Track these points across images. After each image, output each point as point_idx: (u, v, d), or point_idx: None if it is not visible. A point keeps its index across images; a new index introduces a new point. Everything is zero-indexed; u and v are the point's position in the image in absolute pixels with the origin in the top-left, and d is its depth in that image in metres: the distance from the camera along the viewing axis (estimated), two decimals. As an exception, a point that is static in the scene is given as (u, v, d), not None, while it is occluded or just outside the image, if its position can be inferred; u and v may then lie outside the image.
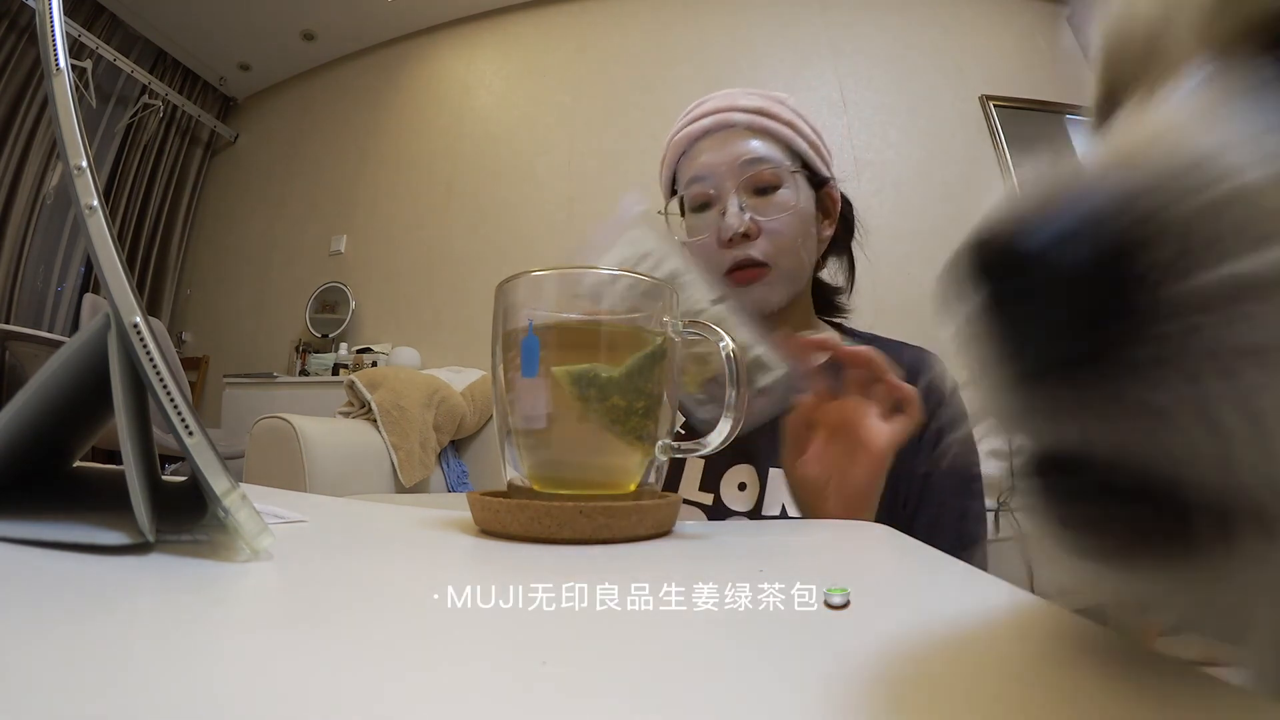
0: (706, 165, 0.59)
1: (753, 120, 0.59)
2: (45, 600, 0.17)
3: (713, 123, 0.60)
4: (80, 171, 0.22)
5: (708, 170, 0.59)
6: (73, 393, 0.25)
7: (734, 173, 0.58)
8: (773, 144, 0.59)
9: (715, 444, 0.37)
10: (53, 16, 0.22)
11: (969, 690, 0.13)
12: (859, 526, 0.45)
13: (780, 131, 0.60)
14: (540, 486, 0.36)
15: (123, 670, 0.12)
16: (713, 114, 0.60)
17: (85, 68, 3.00)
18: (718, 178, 0.59)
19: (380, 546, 0.31)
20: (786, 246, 0.58)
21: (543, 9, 3.29)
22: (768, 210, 0.58)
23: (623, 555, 0.30)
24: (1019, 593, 0.21)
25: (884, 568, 0.31)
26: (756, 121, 0.59)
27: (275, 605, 0.19)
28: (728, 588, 0.25)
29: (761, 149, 0.59)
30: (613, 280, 0.38)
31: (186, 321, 3.68)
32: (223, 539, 0.25)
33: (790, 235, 0.58)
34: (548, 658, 0.14)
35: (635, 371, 0.36)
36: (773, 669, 0.15)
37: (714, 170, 0.59)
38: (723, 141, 0.59)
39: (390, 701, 0.11)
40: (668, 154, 0.65)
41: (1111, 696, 0.13)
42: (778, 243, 0.58)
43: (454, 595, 0.22)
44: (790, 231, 0.58)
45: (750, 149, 0.58)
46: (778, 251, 0.58)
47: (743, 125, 0.59)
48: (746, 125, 0.59)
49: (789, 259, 0.58)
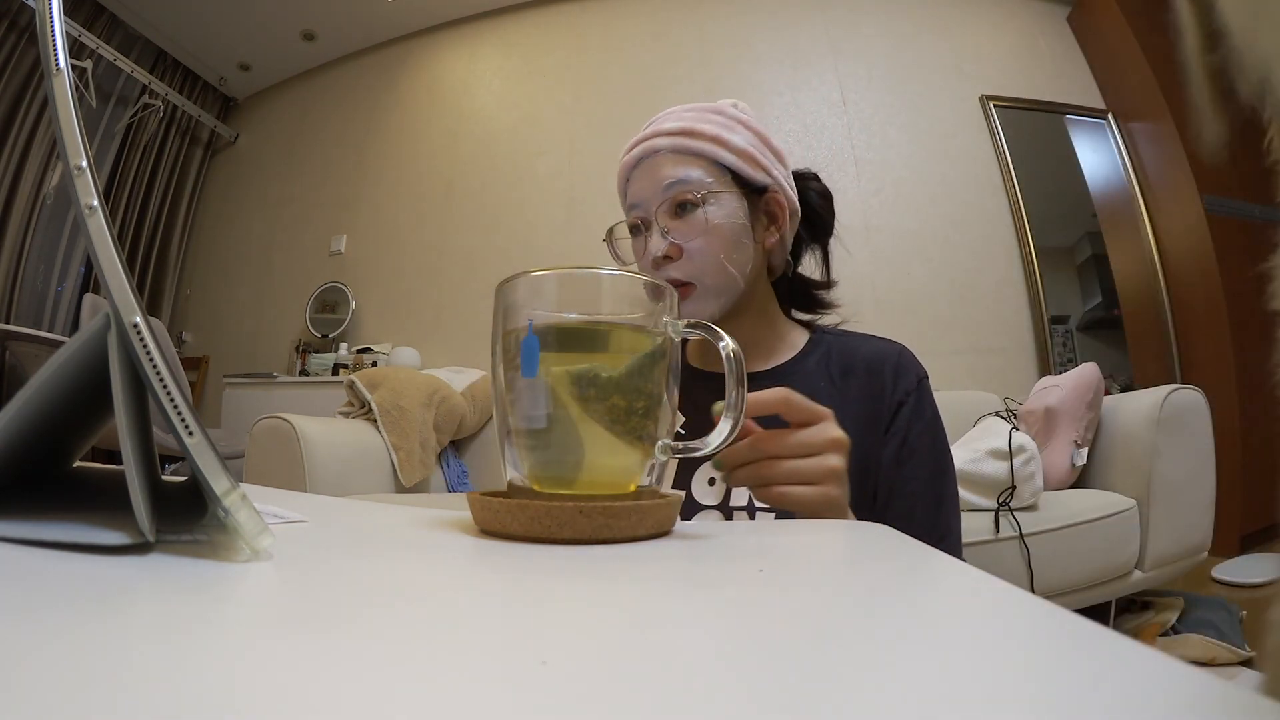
0: (637, 193, 0.63)
1: (674, 143, 0.62)
2: (45, 600, 0.17)
3: (640, 151, 0.63)
4: (80, 171, 0.22)
5: (638, 198, 0.63)
6: (73, 393, 0.25)
7: (658, 197, 0.61)
8: (694, 163, 0.61)
9: (715, 444, 0.37)
10: (53, 16, 0.22)
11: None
12: (859, 526, 0.45)
13: (702, 149, 0.62)
14: (540, 486, 0.36)
15: (123, 670, 0.12)
16: (641, 142, 0.64)
17: (85, 68, 3.01)
18: (645, 204, 0.62)
19: (380, 546, 0.31)
20: (709, 264, 0.60)
21: (543, 9, 3.29)
22: (688, 231, 0.60)
23: (623, 555, 0.30)
24: (1019, 593, 0.21)
25: (884, 567, 0.31)
26: (678, 143, 0.62)
27: (275, 605, 0.19)
28: (728, 587, 0.25)
29: (680, 172, 0.61)
30: (613, 280, 0.38)
31: (186, 321, 3.68)
32: (223, 539, 0.25)
33: (711, 252, 0.60)
34: (548, 658, 0.14)
35: (635, 371, 0.36)
36: (773, 669, 0.15)
37: (643, 198, 0.63)
38: (649, 168, 0.63)
39: (390, 701, 0.11)
40: (618, 185, 0.68)
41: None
42: (699, 261, 0.60)
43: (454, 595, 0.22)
44: (711, 249, 0.60)
45: (670, 174, 0.61)
46: (700, 270, 0.60)
47: (665, 149, 0.62)
48: (669, 149, 0.62)
49: (713, 275, 0.60)
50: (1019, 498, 1.35)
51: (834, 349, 0.66)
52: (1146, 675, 0.14)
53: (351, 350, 3.06)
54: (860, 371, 0.63)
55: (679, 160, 0.61)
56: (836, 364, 0.64)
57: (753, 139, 0.63)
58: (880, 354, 0.63)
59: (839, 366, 0.64)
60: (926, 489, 0.59)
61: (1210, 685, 0.13)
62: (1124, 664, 0.15)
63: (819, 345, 0.67)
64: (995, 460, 1.39)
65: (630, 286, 0.38)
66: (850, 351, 0.65)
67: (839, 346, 0.66)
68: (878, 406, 0.61)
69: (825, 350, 0.66)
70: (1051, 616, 0.19)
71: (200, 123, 3.74)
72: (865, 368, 0.63)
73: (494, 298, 0.38)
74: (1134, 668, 0.14)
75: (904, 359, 0.63)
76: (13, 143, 2.87)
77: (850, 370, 0.63)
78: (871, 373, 0.62)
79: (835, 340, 0.67)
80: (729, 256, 0.61)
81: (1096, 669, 0.15)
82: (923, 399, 0.62)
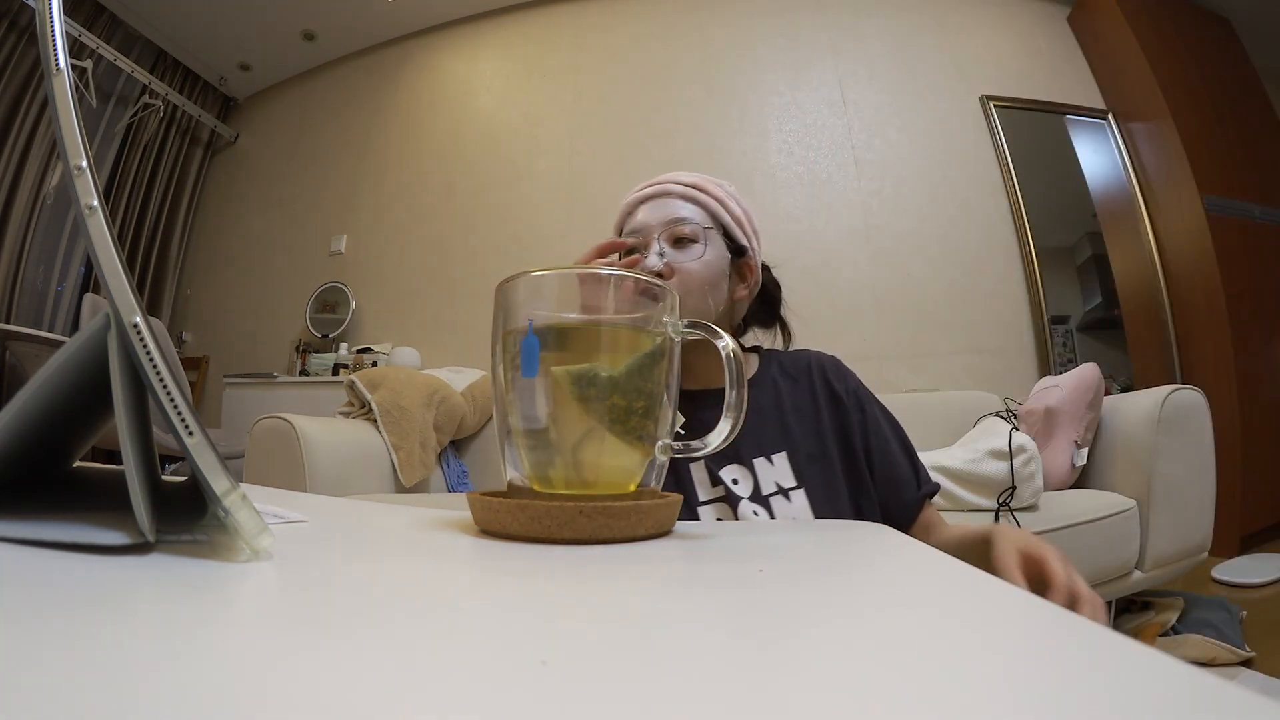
0: (641, 222, 0.72)
1: (686, 190, 0.72)
2: (45, 600, 0.17)
3: (654, 190, 0.73)
4: (80, 171, 0.22)
5: (641, 226, 0.71)
6: (73, 393, 0.25)
7: (664, 225, 0.70)
8: (699, 210, 0.72)
9: (715, 444, 0.37)
10: (53, 16, 0.22)
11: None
12: (859, 526, 0.45)
13: (708, 202, 0.72)
14: (540, 486, 0.36)
15: (123, 670, 0.12)
16: (656, 184, 0.74)
17: (85, 68, 3.01)
18: (647, 231, 0.71)
19: (380, 546, 0.31)
20: (694, 289, 0.68)
21: (543, 9, 3.29)
22: (683, 258, 0.69)
23: (623, 555, 0.30)
24: (1019, 593, 0.21)
25: (884, 567, 0.31)
26: (689, 192, 0.72)
27: (275, 605, 0.19)
28: (728, 587, 0.25)
29: (686, 210, 0.71)
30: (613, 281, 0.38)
31: (186, 321, 3.68)
32: (223, 539, 0.25)
33: (699, 280, 0.68)
34: (548, 658, 0.14)
35: (635, 371, 0.36)
36: (773, 668, 0.15)
37: (646, 226, 0.71)
38: (661, 204, 0.72)
39: (390, 701, 0.11)
40: (619, 215, 0.76)
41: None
42: (686, 283, 0.68)
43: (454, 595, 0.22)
44: (699, 277, 0.68)
45: (678, 209, 0.71)
46: (685, 292, 0.67)
47: (677, 194, 0.72)
48: (680, 194, 0.72)
49: (694, 300, 0.68)
50: (1019, 498, 1.35)
51: (781, 361, 0.78)
52: (1146, 675, 0.14)
53: (351, 350, 3.06)
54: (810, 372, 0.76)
55: (686, 204, 0.72)
56: (790, 370, 0.76)
57: (743, 214, 0.75)
58: (819, 359, 0.77)
59: (793, 371, 0.76)
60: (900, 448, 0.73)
61: (1210, 685, 0.13)
62: (1124, 664, 0.15)
63: (770, 361, 0.78)
64: (995, 460, 1.39)
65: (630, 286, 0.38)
66: (793, 360, 0.78)
67: (783, 359, 0.79)
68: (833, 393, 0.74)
69: (777, 363, 0.78)
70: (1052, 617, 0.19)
71: (200, 123, 3.74)
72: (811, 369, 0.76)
73: (494, 298, 0.38)
74: (1134, 668, 0.14)
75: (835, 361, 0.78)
76: (13, 143, 2.87)
77: (801, 373, 0.76)
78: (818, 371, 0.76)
79: (778, 354, 0.80)
80: (709, 290, 0.70)
81: (1096, 669, 0.15)
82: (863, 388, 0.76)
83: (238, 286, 3.58)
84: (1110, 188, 2.74)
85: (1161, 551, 1.38)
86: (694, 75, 2.96)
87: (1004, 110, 2.72)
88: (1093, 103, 2.78)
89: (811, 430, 0.71)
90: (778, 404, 0.73)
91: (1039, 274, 2.52)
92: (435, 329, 3.02)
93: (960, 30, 2.85)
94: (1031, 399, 1.74)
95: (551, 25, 3.25)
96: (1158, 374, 2.49)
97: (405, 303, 3.14)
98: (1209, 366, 2.38)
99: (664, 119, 2.93)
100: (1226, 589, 1.77)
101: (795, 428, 0.71)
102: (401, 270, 3.18)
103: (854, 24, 2.88)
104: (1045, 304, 2.49)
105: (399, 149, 3.37)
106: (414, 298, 3.12)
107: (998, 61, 2.81)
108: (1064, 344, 2.53)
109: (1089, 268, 2.67)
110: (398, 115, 3.43)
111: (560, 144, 3.04)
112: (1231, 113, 2.64)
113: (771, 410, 0.72)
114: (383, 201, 3.32)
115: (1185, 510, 1.41)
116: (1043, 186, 2.65)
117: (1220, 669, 1.24)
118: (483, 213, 3.09)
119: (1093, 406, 1.58)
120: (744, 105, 2.87)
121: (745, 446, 0.69)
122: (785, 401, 0.73)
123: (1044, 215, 2.61)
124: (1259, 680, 1.17)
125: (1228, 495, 1.60)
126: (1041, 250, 2.55)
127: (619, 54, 3.10)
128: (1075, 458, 1.53)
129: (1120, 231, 2.68)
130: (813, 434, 0.71)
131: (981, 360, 2.45)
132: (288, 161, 3.65)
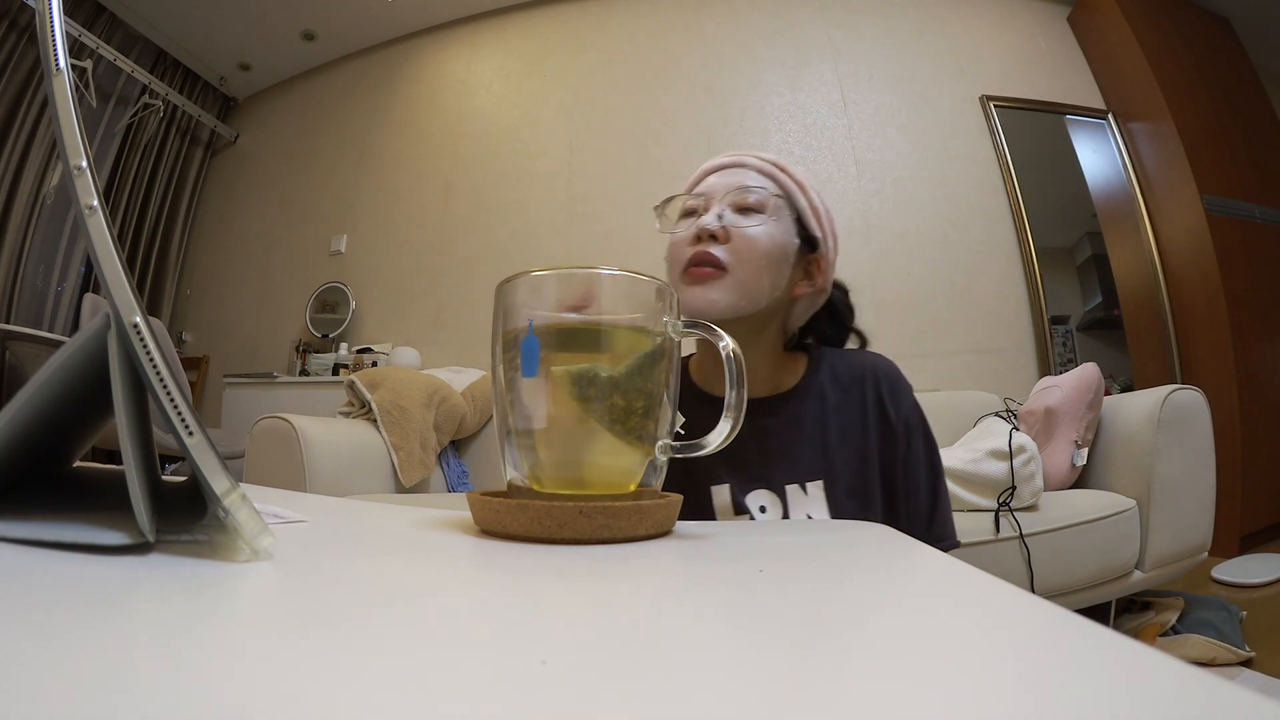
0: (708, 186, 0.66)
1: (763, 165, 0.66)
2: (45, 600, 0.17)
3: (729, 161, 0.68)
4: (80, 171, 0.22)
5: (707, 190, 0.66)
6: (73, 393, 0.25)
7: (730, 190, 0.64)
8: (772, 184, 0.65)
9: (715, 444, 0.37)
10: (53, 16, 0.22)
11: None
12: (858, 526, 0.45)
13: (785, 180, 0.66)
14: (540, 486, 0.36)
15: (123, 670, 0.12)
16: (732, 155, 0.68)
17: (85, 68, 3.00)
18: (715, 194, 0.65)
19: (380, 546, 0.31)
20: (749, 258, 0.61)
21: (543, 9, 3.29)
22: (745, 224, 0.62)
23: (623, 555, 0.30)
24: (1019, 592, 0.21)
25: (884, 567, 0.31)
26: (766, 167, 0.66)
27: (275, 605, 0.19)
28: (728, 587, 0.25)
29: (760, 183, 0.64)
30: (613, 280, 0.38)
31: (186, 321, 3.68)
32: (223, 539, 0.25)
33: (756, 250, 0.61)
34: (548, 658, 0.14)
35: (635, 371, 0.36)
36: (773, 668, 0.15)
37: (711, 190, 0.65)
38: (730, 173, 0.66)
39: (391, 701, 0.11)
40: (689, 183, 0.70)
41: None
42: (741, 251, 0.61)
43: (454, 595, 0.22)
44: (757, 246, 0.61)
45: (752, 181, 0.64)
46: (739, 260, 0.61)
47: (753, 167, 0.66)
48: (756, 168, 0.66)
49: (747, 271, 0.61)
50: (1019, 498, 1.35)
51: (834, 364, 0.69)
52: (1146, 675, 0.14)
53: (351, 350, 3.06)
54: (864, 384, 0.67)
55: (760, 178, 0.65)
56: (843, 377, 0.68)
57: (823, 209, 0.68)
58: (875, 369, 0.68)
59: (845, 378, 0.67)
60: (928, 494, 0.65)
61: (1210, 685, 0.13)
62: (1124, 664, 0.15)
63: (821, 362, 0.69)
64: (995, 460, 1.39)
65: (630, 286, 0.38)
66: (848, 365, 0.69)
67: (836, 361, 0.70)
68: (885, 418, 0.65)
69: (829, 365, 0.69)
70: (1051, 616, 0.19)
71: (200, 123, 3.74)
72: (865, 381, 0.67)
73: (494, 298, 0.38)
74: (1134, 668, 0.14)
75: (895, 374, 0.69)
76: (13, 143, 2.87)
77: (854, 382, 0.67)
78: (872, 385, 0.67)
79: (831, 354, 0.71)
80: (767, 266, 0.62)
81: (1096, 669, 0.15)
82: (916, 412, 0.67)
83: (238, 286, 3.58)
84: (1110, 188, 2.74)
85: (1161, 551, 1.38)
86: (694, 75, 2.96)
87: (1004, 110, 2.72)
88: (1093, 103, 2.78)
89: (855, 459, 0.64)
90: (822, 421, 0.65)
91: (1039, 274, 2.52)
92: (435, 329, 3.02)
93: (960, 30, 2.85)
94: (1031, 399, 1.74)
95: (551, 25, 3.25)
96: (1158, 374, 2.49)
97: (405, 303, 3.14)
98: (1209, 366, 2.38)
99: (664, 119, 2.93)
100: (1226, 589, 1.77)
101: (837, 454, 0.63)
102: (401, 270, 3.18)
103: (854, 24, 2.88)
104: (1045, 304, 2.49)
105: (399, 149, 3.37)
106: (414, 298, 3.12)
107: (998, 61, 2.81)
108: (1064, 344, 2.53)
109: (1089, 268, 2.67)
110: (397, 115, 3.43)
111: (559, 144, 3.04)
112: (1231, 113, 2.64)
113: (814, 428, 0.64)
114: (383, 201, 3.32)
115: (1185, 510, 1.41)
116: (1043, 186, 2.65)
117: (1220, 669, 1.24)
118: (482, 213, 3.09)
119: (1093, 406, 1.58)
120: (744, 105, 2.87)
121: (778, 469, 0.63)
122: (830, 420, 0.65)
123: (1044, 215, 2.61)
124: (1259, 680, 1.17)
125: (1227, 495, 1.60)
126: (1041, 250, 2.55)
127: (619, 54, 3.10)
128: (1075, 458, 1.53)
129: (1120, 231, 2.68)
130: (855, 464, 0.64)
131: (981, 360, 2.45)
132: (288, 161, 3.65)
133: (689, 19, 3.04)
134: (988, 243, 2.58)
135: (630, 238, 2.71)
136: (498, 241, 3.01)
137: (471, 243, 3.07)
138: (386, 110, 3.46)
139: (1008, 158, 2.64)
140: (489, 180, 3.12)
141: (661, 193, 0.71)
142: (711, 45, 2.98)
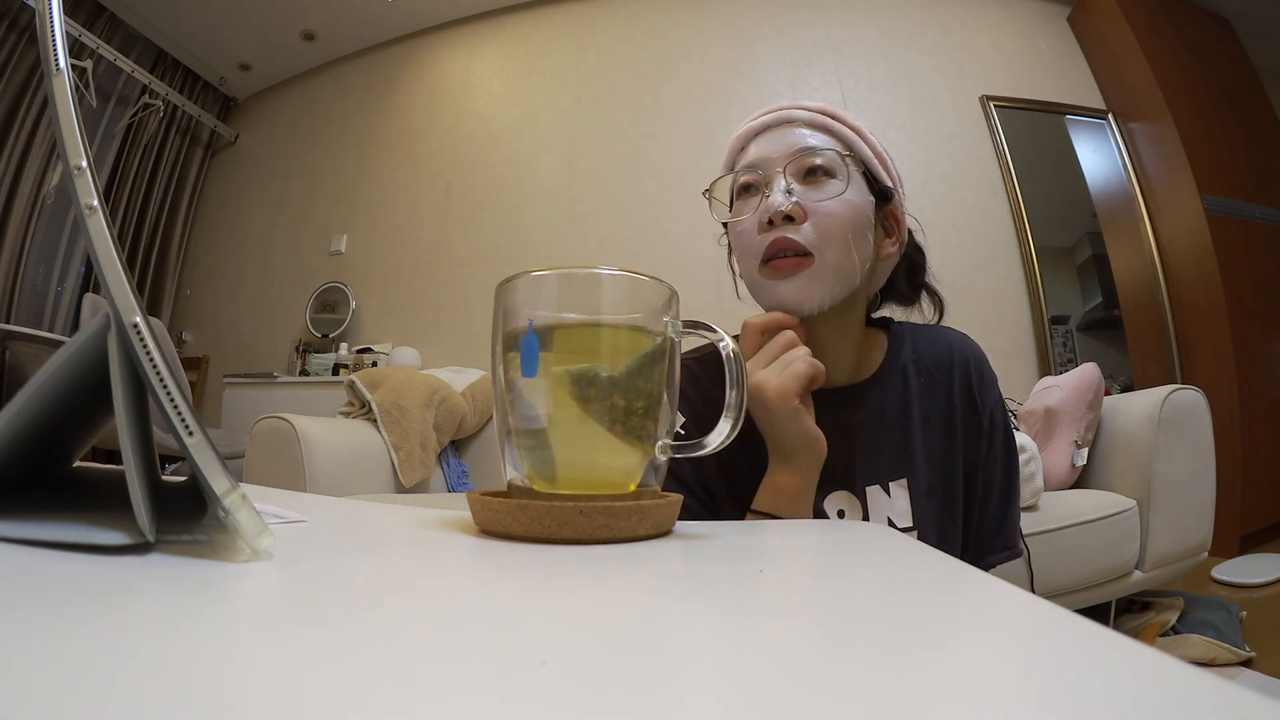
0: (759, 154, 0.57)
1: (813, 118, 0.57)
2: (45, 600, 0.17)
3: (773, 119, 0.58)
4: (80, 171, 0.22)
5: (759, 159, 0.56)
6: (73, 393, 0.25)
7: (788, 157, 0.55)
8: (831, 139, 0.56)
9: (715, 444, 0.37)
10: (53, 16, 0.22)
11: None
12: (859, 526, 0.45)
13: (841, 131, 0.57)
14: (540, 486, 0.36)
15: (123, 670, 0.12)
16: (775, 111, 0.59)
17: (85, 68, 3.00)
18: (767, 165, 0.55)
19: (380, 546, 0.31)
20: (835, 236, 0.52)
21: (543, 9, 3.29)
22: (817, 196, 0.53)
23: (623, 555, 0.30)
24: (1019, 592, 0.21)
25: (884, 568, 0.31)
26: (817, 119, 0.57)
27: (275, 605, 0.19)
28: (728, 587, 0.25)
29: (818, 140, 0.55)
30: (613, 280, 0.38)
31: (186, 321, 3.68)
32: (223, 539, 0.25)
33: (840, 224, 0.53)
34: (548, 658, 0.14)
35: (635, 371, 0.36)
36: (773, 669, 0.15)
37: (765, 158, 0.56)
38: (781, 134, 0.57)
39: (390, 701, 0.11)
40: (728, 152, 0.61)
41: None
42: (825, 230, 0.52)
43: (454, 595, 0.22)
44: (840, 220, 0.53)
45: (805, 138, 0.55)
46: (824, 240, 0.52)
47: (802, 121, 0.57)
48: (806, 121, 0.57)
49: (837, 250, 0.52)
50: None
51: (917, 343, 0.62)
52: (1146, 675, 0.14)
53: (351, 350, 3.06)
54: (951, 369, 0.60)
55: (815, 133, 0.56)
56: (927, 360, 0.60)
57: (884, 151, 0.59)
58: (963, 350, 0.61)
59: (930, 361, 0.60)
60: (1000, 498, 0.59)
61: (1210, 685, 0.13)
62: (1124, 664, 0.15)
63: (903, 341, 0.62)
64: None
65: (630, 286, 0.38)
66: (931, 344, 0.61)
67: (919, 340, 0.62)
68: (974, 409, 0.59)
69: (911, 344, 0.62)
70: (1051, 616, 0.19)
71: (200, 123, 3.74)
72: (954, 365, 0.60)
73: (494, 298, 0.38)
74: (1134, 668, 0.14)
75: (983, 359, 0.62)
76: (13, 143, 2.87)
77: (941, 366, 0.60)
78: (961, 371, 0.60)
79: (911, 333, 0.63)
80: (855, 239, 0.53)
81: (1096, 669, 0.15)
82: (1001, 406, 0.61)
83: (238, 286, 3.58)
84: (1110, 188, 2.74)
85: (1161, 551, 1.38)
86: (694, 75, 2.96)
87: (1004, 110, 2.72)
88: (1093, 103, 2.78)
89: (939, 453, 0.57)
90: (905, 411, 0.57)
91: (1039, 274, 2.52)
92: (435, 329, 3.02)
93: (960, 30, 2.85)
94: (1031, 399, 1.74)
95: (551, 25, 3.25)
96: (1158, 374, 2.49)
97: (405, 303, 3.14)
98: (1209, 366, 2.38)
99: (663, 119, 2.93)
100: (1226, 589, 1.77)
101: (920, 448, 0.56)
102: (401, 270, 3.18)
103: (854, 24, 2.88)
104: (1045, 304, 2.49)
105: (399, 149, 3.37)
106: (414, 298, 3.12)
107: (998, 61, 2.81)
108: (1064, 344, 2.53)
109: (1089, 268, 2.67)
110: (398, 115, 3.43)
111: (559, 144, 3.04)
112: (1231, 113, 2.64)
113: (897, 418, 0.57)
114: (383, 201, 3.32)
115: (1185, 510, 1.41)
116: (1043, 186, 2.65)
117: (1220, 669, 1.24)
118: (482, 212, 3.09)
119: (1093, 406, 1.58)
120: (744, 105, 2.86)
121: (859, 468, 0.56)
122: (914, 409, 0.57)
123: (1044, 215, 2.61)
124: (1259, 680, 1.17)
125: (1227, 495, 1.60)
126: (1041, 250, 2.55)
127: (618, 54, 3.10)
128: (1075, 458, 1.53)
129: (1120, 231, 2.68)
130: (940, 459, 0.57)
131: (981, 360, 2.45)
132: (288, 161, 3.65)
133: (689, 19, 3.04)
134: (988, 243, 2.58)
135: (630, 238, 2.71)
136: (497, 241, 3.01)
137: (471, 242, 3.07)
138: (386, 110, 3.46)
139: (1008, 158, 2.64)
140: (489, 180, 3.12)
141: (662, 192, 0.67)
142: (711, 45, 2.98)
